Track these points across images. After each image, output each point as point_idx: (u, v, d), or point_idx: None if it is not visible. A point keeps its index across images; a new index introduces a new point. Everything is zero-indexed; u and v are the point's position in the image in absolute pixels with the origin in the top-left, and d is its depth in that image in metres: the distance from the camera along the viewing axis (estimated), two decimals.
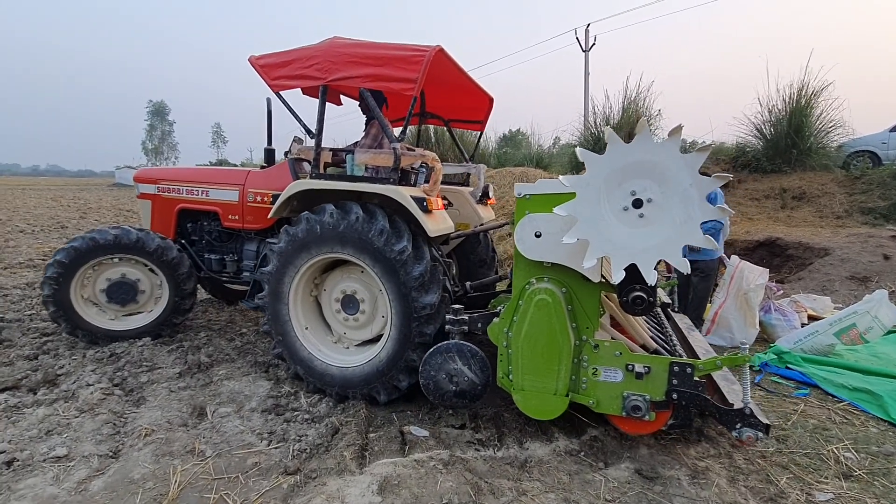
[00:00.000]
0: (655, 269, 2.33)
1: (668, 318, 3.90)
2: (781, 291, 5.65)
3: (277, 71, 3.53)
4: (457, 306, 2.98)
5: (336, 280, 3.59)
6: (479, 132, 5.20)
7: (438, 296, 3.12)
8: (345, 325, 3.58)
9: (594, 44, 20.81)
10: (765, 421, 2.44)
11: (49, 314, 4.11)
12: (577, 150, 2.42)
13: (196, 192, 4.52)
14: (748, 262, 4.75)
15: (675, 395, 2.50)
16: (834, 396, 3.54)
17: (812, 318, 4.99)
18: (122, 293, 4.24)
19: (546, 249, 2.59)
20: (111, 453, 2.69)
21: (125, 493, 2.35)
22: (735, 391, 2.78)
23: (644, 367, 2.54)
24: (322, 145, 3.52)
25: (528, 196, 2.65)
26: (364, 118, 4.49)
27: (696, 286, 5.07)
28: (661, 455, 2.70)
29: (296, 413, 3.21)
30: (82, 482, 2.41)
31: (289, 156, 4.16)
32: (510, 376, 2.73)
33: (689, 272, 2.37)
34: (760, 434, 2.42)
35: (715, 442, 2.86)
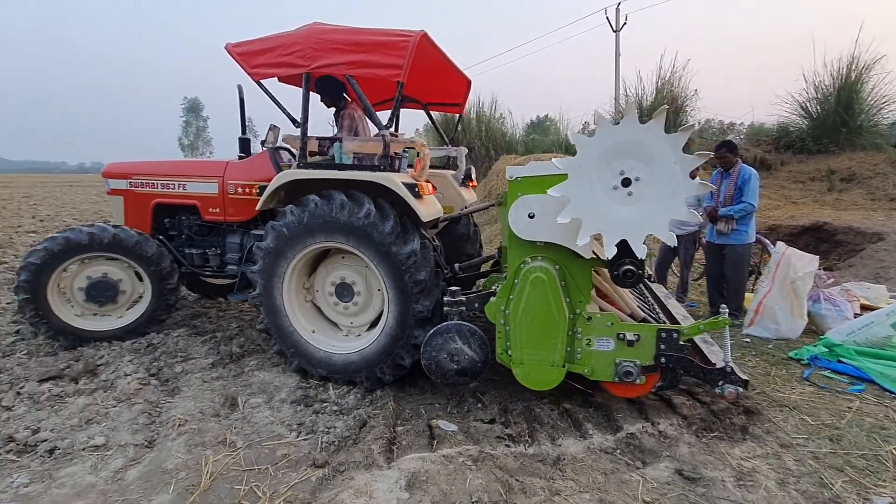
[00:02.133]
0: (644, 243, 2.48)
1: (648, 287, 4.20)
2: (832, 280, 5.31)
3: (257, 59, 3.44)
4: (454, 288, 3.07)
5: (322, 276, 3.59)
6: (458, 115, 5.12)
7: (416, 243, 3.18)
8: (347, 314, 3.58)
9: (625, 23, 20.02)
10: (743, 377, 2.73)
11: (30, 323, 3.97)
12: (569, 133, 2.78)
13: (172, 186, 4.35)
14: (796, 249, 4.46)
15: (663, 359, 2.74)
16: (892, 393, 3.29)
17: (865, 308, 4.67)
18: (103, 292, 4.06)
19: (539, 229, 2.70)
20: (146, 443, 2.73)
21: (159, 483, 2.38)
22: (714, 352, 3.08)
23: (634, 335, 2.73)
24: (308, 134, 3.46)
25: (519, 179, 2.76)
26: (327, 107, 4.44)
27: (727, 274, 4.82)
28: (703, 454, 2.56)
29: (324, 405, 3.20)
30: (119, 471, 2.46)
31: (266, 145, 4.12)
32: (509, 352, 2.85)
33: (675, 245, 2.55)
34: (741, 389, 2.73)
35: (761, 441, 2.69)
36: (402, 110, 4.70)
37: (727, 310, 2.82)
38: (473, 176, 4.80)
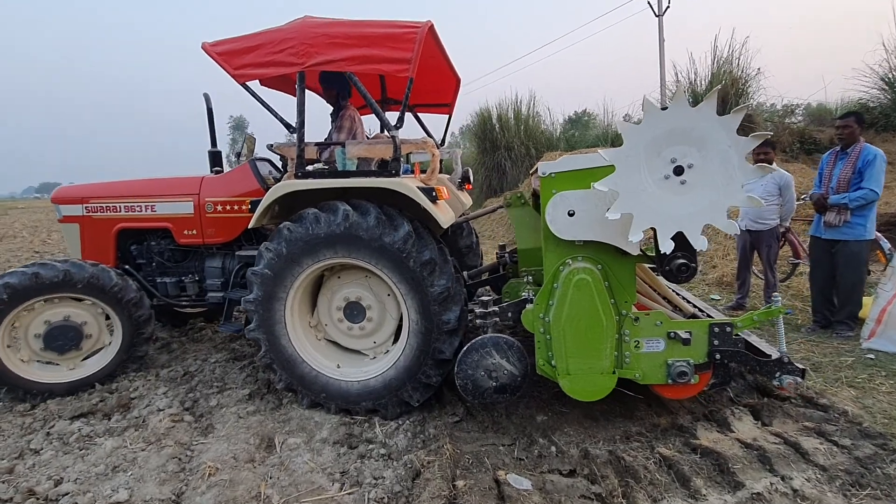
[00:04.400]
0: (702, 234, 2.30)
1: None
2: None
3: (241, 59, 3.07)
4: (485, 298, 2.87)
5: (325, 308, 3.33)
6: (447, 115, 4.66)
7: (407, 226, 2.94)
8: (366, 334, 3.30)
9: (668, 6, 18.86)
10: (800, 367, 2.58)
11: None
12: (616, 121, 2.72)
13: (139, 209, 3.88)
14: None
15: (717, 356, 2.58)
16: None
17: None
18: (65, 338, 3.51)
19: (581, 227, 2.52)
20: (173, 497, 2.42)
21: None
22: (755, 342, 2.87)
23: (686, 332, 2.57)
24: (305, 140, 3.13)
25: (553, 175, 2.58)
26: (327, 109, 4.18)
27: (839, 276, 4.07)
28: None
29: (371, 447, 2.79)
30: None
31: (241, 157, 3.82)
32: (552, 362, 2.65)
33: (738, 233, 2.47)
34: (799, 379, 2.55)
35: None
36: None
37: (779, 297, 2.67)
38: (471, 178, 4.49)
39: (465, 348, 2.68)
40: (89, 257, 3.81)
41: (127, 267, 3.95)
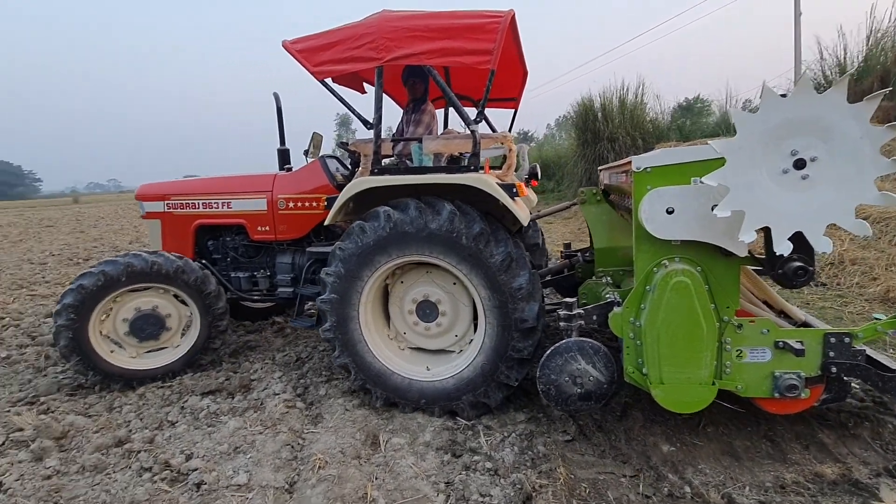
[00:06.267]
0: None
1: None
2: None
3: (320, 55, 3.05)
4: (570, 300, 2.73)
5: (398, 316, 3.33)
6: (514, 110, 4.49)
7: (448, 207, 2.90)
8: (444, 330, 3.26)
9: None
10: None
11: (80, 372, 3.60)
12: (729, 109, 2.47)
13: (216, 205, 4.04)
14: None
15: (833, 369, 2.37)
16: None
17: None
18: (149, 325, 3.67)
19: (681, 226, 2.33)
20: (287, 485, 2.49)
21: None
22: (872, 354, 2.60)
23: (797, 342, 2.35)
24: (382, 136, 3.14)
25: (648, 169, 2.41)
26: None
27: None
28: None
29: (475, 458, 2.66)
30: None
31: (308, 155, 3.89)
32: (643, 370, 2.49)
33: (870, 234, 2.09)
34: None
35: None
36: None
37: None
38: (538, 174, 4.29)
39: (547, 352, 2.60)
40: (169, 251, 3.89)
41: (204, 261, 4.07)
